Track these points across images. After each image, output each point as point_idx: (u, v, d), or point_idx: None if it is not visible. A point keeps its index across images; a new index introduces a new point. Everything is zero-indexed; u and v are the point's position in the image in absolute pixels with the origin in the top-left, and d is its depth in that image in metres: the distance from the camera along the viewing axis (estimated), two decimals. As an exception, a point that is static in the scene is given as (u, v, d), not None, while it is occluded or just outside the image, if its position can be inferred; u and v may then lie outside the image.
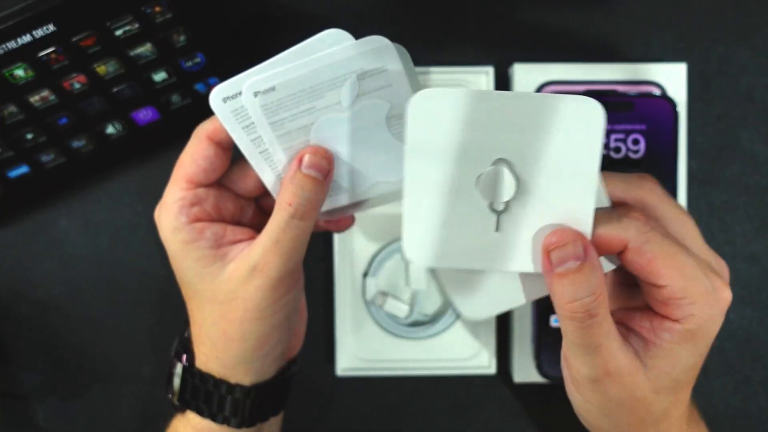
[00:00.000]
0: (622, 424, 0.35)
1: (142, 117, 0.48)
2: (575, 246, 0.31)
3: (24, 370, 0.52)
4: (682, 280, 0.31)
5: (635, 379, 0.33)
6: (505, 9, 0.51)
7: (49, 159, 0.48)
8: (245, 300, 0.36)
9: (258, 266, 0.35)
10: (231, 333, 0.37)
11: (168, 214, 0.36)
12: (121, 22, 0.43)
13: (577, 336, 0.32)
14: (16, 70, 0.43)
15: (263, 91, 0.34)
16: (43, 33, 0.42)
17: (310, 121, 0.35)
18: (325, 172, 0.35)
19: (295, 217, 0.34)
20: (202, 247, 0.36)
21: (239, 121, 0.35)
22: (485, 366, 0.51)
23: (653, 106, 0.48)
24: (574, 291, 0.30)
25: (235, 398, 0.38)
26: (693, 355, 0.33)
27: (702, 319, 0.32)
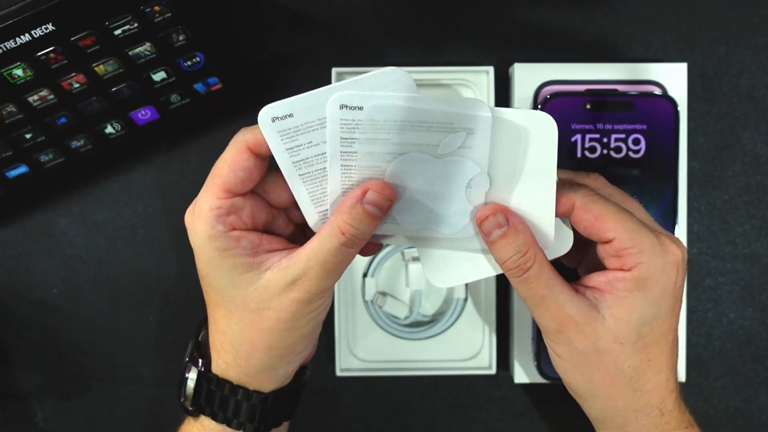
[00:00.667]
0: (596, 382, 0.37)
1: (141, 116, 0.48)
2: (496, 217, 0.36)
3: (23, 370, 0.52)
4: (627, 231, 0.35)
5: (594, 327, 0.35)
6: (505, 9, 0.51)
7: (48, 159, 0.48)
8: (278, 311, 0.36)
9: (299, 281, 0.35)
10: (258, 342, 0.37)
11: (204, 222, 0.36)
12: (121, 21, 0.43)
13: (521, 291, 0.36)
14: (15, 70, 0.43)
15: (350, 107, 0.34)
16: (42, 32, 0.42)
17: (387, 150, 0.35)
18: (384, 211, 0.36)
19: (346, 246, 0.35)
20: (238, 255, 0.36)
21: (285, 142, 0.35)
22: (485, 366, 0.51)
23: (654, 106, 0.48)
24: (504, 252, 0.35)
25: (252, 404, 0.38)
26: (648, 304, 0.36)
27: (651, 267, 0.35)
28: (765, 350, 0.52)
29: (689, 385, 0.51)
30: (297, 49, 0.51)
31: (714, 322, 0.52)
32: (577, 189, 0.36)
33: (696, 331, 0.52)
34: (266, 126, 0.35)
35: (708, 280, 0.52)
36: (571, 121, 0.49)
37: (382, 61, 0.51)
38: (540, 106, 0.48)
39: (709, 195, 0.51)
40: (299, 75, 0.51)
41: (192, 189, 0.51)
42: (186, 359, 0.40)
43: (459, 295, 0.50)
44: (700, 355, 0.52)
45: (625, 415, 0.37)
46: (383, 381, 0.52)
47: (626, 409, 0.37)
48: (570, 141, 0.49)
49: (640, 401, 0.37)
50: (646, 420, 0.37)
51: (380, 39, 0.51)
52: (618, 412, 0.37)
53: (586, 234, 0.36)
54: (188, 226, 0.37)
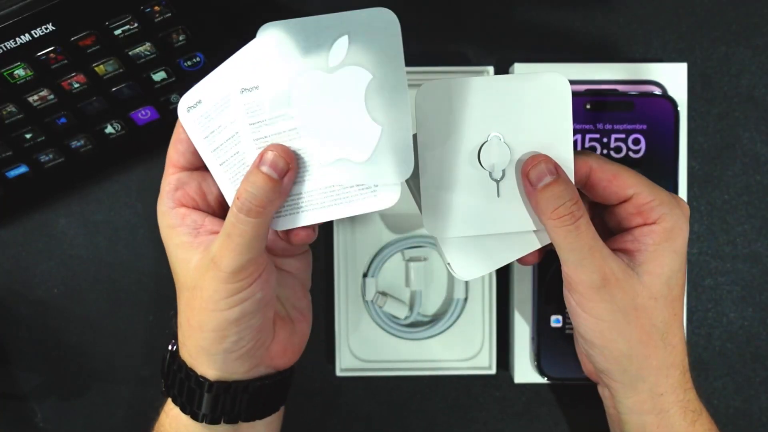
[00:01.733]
0: (634, 341, 0.37)
1: (142, 116, 0.48)
2: (547, 163, 0.36)
3: (23, 370, 0.52)
4: (646, 186, 0.37)
5: (632, 284, 0.36)
6: (505, 9, 0.51)
7: (48, 159, 0.48)
8: (202, 290, 0.36)
9: (214, 259, 0.35)
10: (191, 320, 0.37)
11: (160, 200, 0.38)
12: (121, 21, 0.43)
13: (569, 241, 0.35)
14: (15, 70, 0.43)
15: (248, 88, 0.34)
16: (42, 32, 0.42)
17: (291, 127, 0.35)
18: (282, 173, 0.35)
19: (241, 212, 0.34)
20: (182, 233, 0.37)
21: (201, 131, 0.36)
22: (485, 366, 0.51)
23: (654, 106, 0.48)
24: (556, 198, 0.35)
25: (201, 391, 0.38)
26: (676, 254, 0.37)
27: (673, 217, 0.37)
28: (765, 350, 0.52)
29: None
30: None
31: (714, 322, 0.52)
32: (588, 153, 0.38)
33: (696, 331, 0.52)
34: (184, 117, 0.35)
35: (708, 280, 0.52)
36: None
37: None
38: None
39: (709, 195, 0.51)
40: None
41: (192, 189, 0.51)
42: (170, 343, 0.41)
43: (459, 295, 0.50)
44: (700, 355, 0.52)
45: (658, 372, 0.38)
46: (383, 381, 0.52)
47: (659, 366, 0.38)
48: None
49: (670, 357, 0.38)
50: (674, 377, 0.38)
51: (380, 39, 0.51)
52: (652, 371, 0.38)
53: (604, 195, 0.37)
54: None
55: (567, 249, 0.36)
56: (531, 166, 0.36)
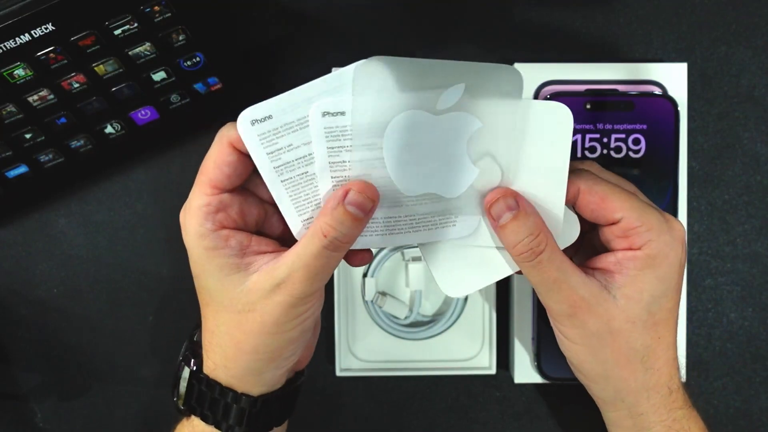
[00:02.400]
0: (610, 363, 0.37)
1: (141, 116, 0.48)
2: (506, 200, 0.36)
3: (23, 370, 0.52)
4: (634, 210, 0.36)
5: (606, 308, 0.36)
6: (505, 9, 0.51)
7: (48, 159, 0.48)
8: (263, 314, 0.36)
9: (283, 284, 0.35)
10: (244, 344, 0.37)
11: (193, 220, 0.36)
12: (120, 21, 0.43)
13: (533, 275, 0.36)
14: (15, 70, 0.43)
15: (332, 113, 0.34)
16: (42, 32, 0.42)
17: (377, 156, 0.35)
18: (367, 211, 0.35)
19: (328, 249, 0.34)
20: (226, 255, 0.35)
21: (264, 146, 0.35)
22: (485, 366, 0.51)
23: (654, 106, 0.48)
24: (515, 235, 0.35)
25: (241, 407, 0.38)
26: (659, 281, 0.36)
27: (660, 244, 0.36)
28: (765, 350, 0.52)
29: (689, 385, 0.51)
30: (297, 48, 0.51)
31: (714, 322, 0.52)
32: (579, 173, 0.37)
33: (696, 331, 0.52)
34: (245, 130, 0.34)
35: (708, 280, 0.52)
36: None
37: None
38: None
39: (709, 195, 0.51)
40: (299, 74, 0.51)
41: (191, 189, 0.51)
42: (180, 358, 0.40)
43: (459, 295, 0.50)
44: (700, 355, 0.52)
45: (637, 394, 0.37)
46: (383, 381, 0.52)
47: (638, 389, 0.37)
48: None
49: (651, 379, 0.37)
50: (656, 398, 0.37)
51: (380, 39, 0.51)
52: (630, 392, 0.37)
53: (593, 217, 0.37)
54: (181, 225, 0.37)
55: (533, 282, 0.36)
56: (491, 202, 0.36)
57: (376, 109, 0.34)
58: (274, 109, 0.34)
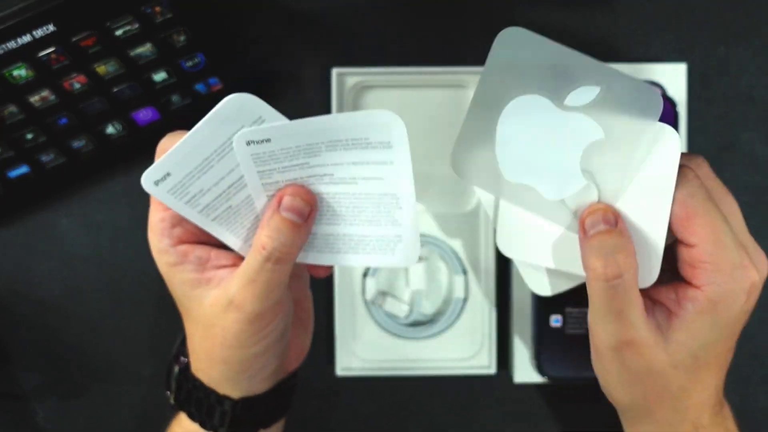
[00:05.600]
0: (639, 396, 0.35)
1: (142, 117, 0.48)
2: (606, 213, 0.33)
3: (23, 370, 0.52)
4: (712, 243, 0.33)
5: (654, 351, 0.33)
6: (505, 9, 0.51)
7: (49, 159, 0.48)
8: (224, 329, 0.35)
9: (234, 301, 0.34)
10: (213, 355, 0.36)
11: (153, 236, 0.35)
12: (121, 22, 0.43)
13: (602, 300, 0.33)
14: (16, 70, 0.43)
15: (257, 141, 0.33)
16: (43, 33, 0.42)
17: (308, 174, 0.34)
18: (305, 216, 0.34)
19: (269, 261, 0.33)
20: (186, 271, 0.35)
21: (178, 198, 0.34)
22: (485, 366, 0.51)
23: (653, 106, 0.48)
24: (601, 249, 0.32)
25: (224, 409, 0.38)
26: (713, 328, 0.33)
27: (723, 289, 0.33)
28: (763, 349, 0.52)
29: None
30: (297, 49, 0.51)
31: (714, 321, 0.52)
32: (681, 176, 0.33)
33: (696, 331, 0.52)
34: (154, 191, 0.33)
35: (708, 280, 0.51)
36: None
37: (383, 61, 0.51)
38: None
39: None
40: (299, 75, 0.51)
41: (192, 189, 0.51)
42: (172, 354, 0.40)
43: (459, 294, 0.50)
44: (699, 355, 0.52)
45: (660, 426, 0.36)
46: (383, 381, 0.52)
47: (661, 422, 0.36)
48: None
49: (677, 417, 0.35)
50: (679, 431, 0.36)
51: (380, 39, 0.51)
52: (653, 424, 0.36)
53: (672, 229, 0.34)
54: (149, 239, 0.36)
55: (598, 307, 0.33)
56: (588, 212, 0.34)
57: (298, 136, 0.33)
58: (169, 165, 0.33)
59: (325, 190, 0.35)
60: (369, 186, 0.34)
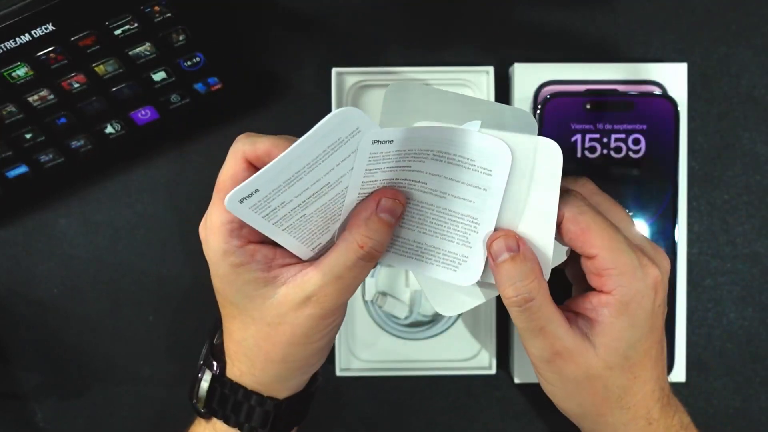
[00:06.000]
0: (587, 404, 0.37)
1: (141, 116, 0.48)
2: (508, 240, 0.35)
3: (23, 370, 0.52)
4: (610, 251, 0.35)
5: (586, 358, 0.36)
6: (505, 9, 0.51)
7: (48, 159, 0.48)
8: (293, 326, 0.36)
9: (314, 297, 0.35)
10: (273, 355, 0.37)
11: (217, 237, 0.35)
12: (121, 21, 0.43)
13: (520, 321, 0.36)
14: (15, 70, 0.43)
15: (381, 141, 0.34)
16: (42, 32, 0.42)
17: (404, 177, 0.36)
18: (397, 216, 0.36)
19: (364, 259, 0.35)
20: (253, 270, 0.35)
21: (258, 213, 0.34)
22: (485, 366, 0.51)
23: (654, 106, 0.48)
24: (509, 277, 0.35)
25: (265, 410, 0.38)
26: (632, 328, 0.36)
27: (631, 290, 0.35)
28: (765, 350, 0.52)
29: (689, 385, 0.51)
30: (297, 49, 0.51)
31: (714, 322, 0.52)
32: (568, 198, 0.36)
33: (696, 331, 0.52)
34: (236, 209, 0.33)
35: (708, 280, 0.52)
36: (571, 121, 0.49)
37: (383, 61, 0.51)
38: (540, 106, 0.48)
39: (709, 195, 0.51)
40: (299, 75, 0.51)
41: (192, 189, 0.51)
42: (201, 362, 0.40)
43: (459, 295, 0.50)
44: (700, 355, 0.52)
45: (615, 428, 0.38)
46: (383, 381, 0.52)
47: (615, 424, 0.38)
48: (570, 141, 0.49)
49: (627, 415, 0.37)
50: (634, 430, 0.38)
51: (380, 39, 0.51)
52: (608, 426, 0.38)
53: (571, 245, 0.36)
54: (203, 241, 0.36)
55: (520, 327, 0.36)
56: (492, 240, 0.36)
57: (420, 140, 0.34)
58: (260, 182, 0.33)
59: (413, 197, 0.36)
60: (456, 204, 0.36)
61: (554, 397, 0.38)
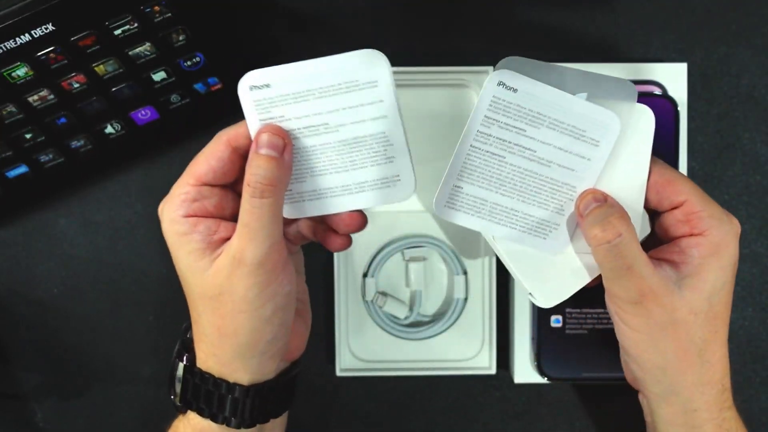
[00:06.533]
0: (670, 353, 0.37)
1: (141, 116, 0.48)
2: (594, 194, 0.38)
3: (23, 370, 0.52)
4: (698, 195, 0.37)
5: (672, 299, 0.36)
6: (505, 9, 0.51)
7: (48, 159, 0.48)
8: (231, 293, 0.36)
9: (236, 256, 0.35)
10: (224, 328, 0.37)
11: (170, 206, 0.37)
12: (121, 21, 0.43)
13: (608, 259, 0.36)
14: (15, 70, 0.43)
15: (507, 86, 0.36)
16: (42, 32, 0.42)
17: (516, 141, 0.37)
18: (280, 150, 0.36)
19: (255, 196, 0.35)
20: (194, 240, 0.37)
21: (259, 113, 0.36)
22: (485, 366, 0.51)
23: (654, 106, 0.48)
24: (596, 218, 0.37)
25: (234, 398, 0.38)
26: (721, 271, 0.37)
27: (721, 232, 0.37)
28: (765, 350, 0.52)
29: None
30: (297, 49, 0.51)
31: (714, 322, 0.52)
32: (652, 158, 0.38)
33: (696, 331, 0.52)
34: (244, 94, 0.35)
35: (708, 280, 0.51)
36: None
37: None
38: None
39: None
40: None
41: (192, 189, 0.51)
42: (174, 355, 0.40)
43: (459, 295, 0.50)
44: (700, 355, 0.52)
45: (693, 389, 0.38)
46: (383, 381, 0.52)
47: (695, 383, 0.38)
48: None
49: (707, 374, 0.37)
50: (710, 395, 0.38)
51: (380, 39, 0.51)
52: (686, 387, 0.38)
53: (657, 199, 0.38)
54: (159, 214, 0.38)
55: (605, 267, 0.37)
56: (581, 199, 0.38)
57: (539, 101, 0.36)
58: (274, 77, 0.35)
59: (519, 164, 0.37)
60: (558, 172, 0.38)
61: (636, 347, 0.38)
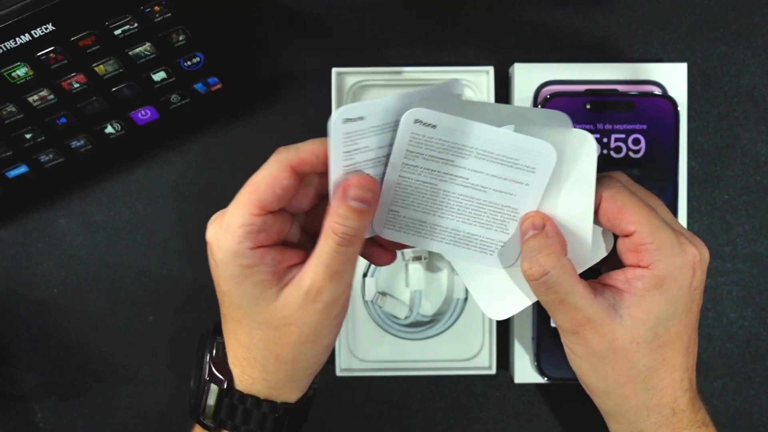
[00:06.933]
0: (611, 380, 0.37)
1: (141, 116, 0.48)
2: (535, 219, 0.37)
3: (23, 370, 0.52)
4: (648, 226, 0.36)
5: (612, 328, 0.36)
6: (505, 9, 0.51)
7: (48, 159, 0.48)
8: (300, 326, 0.36)
9: (310, 292, 0.35)
10: (283, 356, 0.37)
11: (231, 238, 0.35)
12: (120, 21, 0.43)
13: (538, 293, 0.37)
14: (15, 70, 0.43)
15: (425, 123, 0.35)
16: (42, 32, 0.42)
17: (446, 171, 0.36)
18: (369, 203, 0.35)
19: (342, 245, 0.35)
20: (261, 272, 0.35)
21: (346, 145, 0.35)
22: (485, 366, 0.51)
23: (654, 106, 0.48)
24: (527, 252, 0.36)
25: (277, 416, 0.38)
26: (666, 303, 0.36)
27: (669, 265, 0.35)
28: (765, 350, 0.52)
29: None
30: (297, 49, 0.51)
31: (714, 322, 0.52)
32: (604, 181, 0.37)
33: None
34: (336, 128, 0.34)
35: (708, 280, 0.51)
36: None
37: (382, 61, 0.51)
38: (540, 106, 0.48)
39: (709, 195, 0.51)
40: (299, 75, 0.51)
41: (192, 189, 0.51)
42: (205, 377, 0.39)
43: (459, 295, 0.50)
44: (700, 355, 0.51)
45: (637, 411, 0.37)
46: (383, 381, 0.52)
47: (639, 406, 0.37)
48: (570, 141, 0.49)
49: (653, 399, 0.37)
50: (657, 418, 0.37)
51: (380, 39, 0.51)
52: (630, 409, 0.38)
53: (609, 225, 0.37)
54: (211, 240, 0.36)
55: (541, 300, 0.37)
56: (522, 221, 0.37)
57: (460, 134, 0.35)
58: (368, 110, 0.34)
59: (453, 190, 0.37)
60: (496, 197, 0.37)
61: (579, 371, 0.38)
